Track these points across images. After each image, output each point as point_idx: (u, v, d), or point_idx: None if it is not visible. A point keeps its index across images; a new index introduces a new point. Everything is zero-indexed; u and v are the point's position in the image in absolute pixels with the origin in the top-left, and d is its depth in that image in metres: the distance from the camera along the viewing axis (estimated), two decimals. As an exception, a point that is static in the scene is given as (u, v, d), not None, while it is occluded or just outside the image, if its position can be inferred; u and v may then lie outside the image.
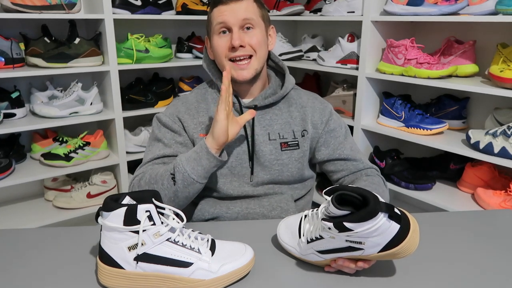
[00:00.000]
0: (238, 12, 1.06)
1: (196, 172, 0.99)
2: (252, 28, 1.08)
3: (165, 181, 1.00)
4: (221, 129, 0.97)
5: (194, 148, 1.01)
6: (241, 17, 1.06)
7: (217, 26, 1.08)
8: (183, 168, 0.98)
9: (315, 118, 1.18)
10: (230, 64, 1.09)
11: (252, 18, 1.07)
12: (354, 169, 1.17)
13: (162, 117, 1.15)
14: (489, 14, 1.60)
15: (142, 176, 1.06)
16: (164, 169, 1.03)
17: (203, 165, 0.99)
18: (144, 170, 1.09)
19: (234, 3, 1.06)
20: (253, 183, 1.14)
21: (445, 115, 1.93)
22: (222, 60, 1.10)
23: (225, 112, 0.97)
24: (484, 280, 0.81)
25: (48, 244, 0.92)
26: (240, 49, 1.07)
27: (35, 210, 2.03)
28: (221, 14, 1.07)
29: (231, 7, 1.06)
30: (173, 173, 0.99)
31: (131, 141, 2.16)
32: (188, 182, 0.99)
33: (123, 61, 2.02)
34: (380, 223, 0.71)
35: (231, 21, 1.06)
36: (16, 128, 1.79)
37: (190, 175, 0.99)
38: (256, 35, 1.09)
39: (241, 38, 1.07)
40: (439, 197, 1.79)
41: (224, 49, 1.08)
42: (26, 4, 1.74)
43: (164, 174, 1.01)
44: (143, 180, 1.05)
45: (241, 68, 1.08)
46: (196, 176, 0.99)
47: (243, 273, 0.79)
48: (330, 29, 2.48)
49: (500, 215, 1.09)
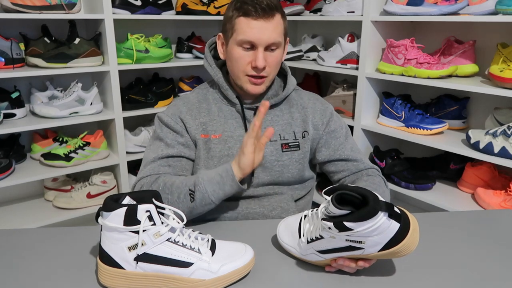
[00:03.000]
0: (267, 32, 1.03)
1: (216, 195, 0.98)
2: (276, 49, 1.08)
3: (182, 195, 0.99)
4: (248, 162, 0.96)
5: (218, 171, 0.99)
6: (270, 41, 1.04)
7: (242, 41, 1.05)
8: (205, 188, 0.97)
9: (316, 119, 1.18)
10: (247, 78, 1.09)
11: (278, 41, 1.06)
12: (355, 169, 1.17)
13: (164, 117, 1.15)
14: (489, 14, 1.60)
15: (154, 180, 1.04)
16: (180, 182, 1.01)
17: (225, 190, 0.98)
18: (150, 171, 1.07)
19: (265, 21, 1.03)
20: (254, 184, 1.14)
21: (445, 115, 1.93)
22: (239, 72, 1.09)
23: (253, 146, 0.96)
24: (484, 280, 0.81)
25: (48, 244, 0.92)
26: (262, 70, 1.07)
27: (35, 210, 2.03)
28: (250, 31, 1.03)
29: (260, 24, 1.03)
30: (192, 190, 0.98)
31: (131, 141, 2.16)
32: (207, 202, 0.99)
33: (123, 61, 2.02)
34: (380, 222, 0.71)
35: (260, 42, 1.04)
36: (16, 128, 1.79)
37: (210, 197, 0.98)
38: (277, 55, 1.08)
39: (265, 58, 1.06)
40: (439, 197, 1.79)
41: (245, 64, 1.07)
42: (26, 4, 1.74)
43: (181, 187, 1.00)
44: (155, 185, 1.03)
45: (256, 83, 1.09)
46: (215, 199, 0.99)
47: (243, 273, 0.79)
48: (330, 29, 2.48)
49: (500, 215, 1.09)
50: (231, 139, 1.13)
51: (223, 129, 1.13)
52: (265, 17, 1.03)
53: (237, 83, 1.12)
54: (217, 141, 1.13)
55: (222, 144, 1.13)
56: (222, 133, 1.13)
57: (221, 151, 1.12)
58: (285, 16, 1.10)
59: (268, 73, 1.09)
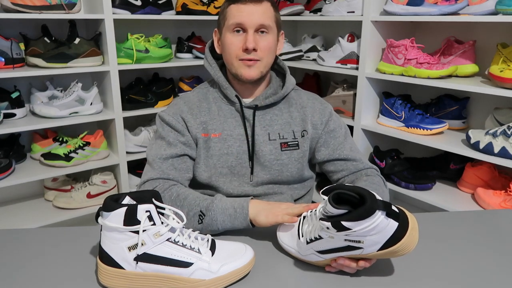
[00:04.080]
0: (256, 15, 1.06)
1: (224, 226, 0.97)
2: (267, 33, 1.09)
3: (191, 213, 0.99)
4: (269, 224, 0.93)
5: (234, 204, 0.97)
6: (259, 22, 1.07)
7: (233, 25, 1.08)
8: (215, 216, 0.96)
9: (315, 118, 1.18)
10: (240, 63, 1.10)
11: (268, 24, 1.08)
12: (354, 169, 1.18)
13: (165, 116, 1.15)
14: (489, 14, 1.60)
15: (168, 188, 1.04)
16: (193, 199, 1.01)
17: (234, 224, 0.97)
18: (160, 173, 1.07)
19: (253, 5, 1.07)
20: (253, 183, 1.14)
21: (445, 115, 1.93)
22: (232, 58, 1.10)
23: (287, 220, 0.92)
24: (484, 280, 0.81)
25: (48, 244, 0.92)
26: (252, 52, 1.08)
27: (35, 210, 2.03)
28: (239, 14, 1.07)
29: (249, 8, 1.06)
30: (203, 214, 0.97)
31: (131, 141, 2.16)
32: (213, 229, 0.98)
33: (123, 61, 2.02)
34: (378, 221, 0.71)
35: (248, 23, 1.06)
36: (16, 128, 1.79)
37: (217, 225, 0.97)
38: (269, 40, 1.10)
39: (256, 41, 1.07)
40: (439, 197, 1.79)
41: (237, 49, 1.09)
42: (26, 4, 1.74)
43: (193, 205, 0.99)
44: (168, 193, 1.03)
45: (249, 65, 1.09)
46: (222, 228, 0.98)
47: (243, 273, 0.79)
48: (330, 29, 2.48)
49: (500, 215, 1.09)
50: (230, 137, 1.13)
51: (222, 128, 1.14)
52: (253, 2, 1.07)
53: (232, 71, 1.13)
54: (216, 140, 1.13)
55: (222, 142, 1.13)
56: (222, 132, 1.13)
57: (220, 150, 1.13)
58: (276, 8, 1.13)
59: (260, 57, 1.09)
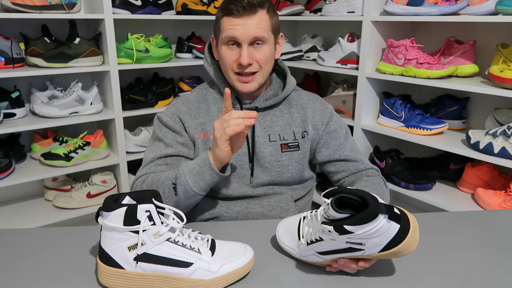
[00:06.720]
0: (249, 28, 1.03)
1: (198, 186, 0.98)
2: (262, 44, 1.07)
3: (166, 189, 1.00)
4: (224, 154, 0.94)
5: (197, 161, 0.99)
6: (252, 35, 1.04)
7: (227, 38, 1.06)
8: (185, 180, 0.97)
9: (315, 119, 1.18)
10: (235, 77, 1.09)
11: (262, 36, 1.05)
12: (355, 169, 1.17)
13: (163, 117, 1.15)
14: (489, 14, 1.60)
15: (145, 179, 1.05)
16: (165, 176, 1.01)
17: (205, 179, 0.98)
18: (147, 171, 1.08)
19: (247, 18, 1.03)
20: (253, 184, 1.14)
21: (445, 115, 1.93)
22: (228, 70, 1.09)
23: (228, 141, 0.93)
24: (484, 280, 0.81)
25: (48, 244, 0.92)
26: (248, 66, 1.06)
27: (35, 210, 2.03)
28: (232, 28, 1.04)
29: (243, 21, 1.03)
30: (174, 183, 0.98)
31: (131, 141, 2.16)
32: (190, 194, 0.99)
33: (123, 61, 2.02)
34: (380, 225, 0.71)
35: (242, 38, 1.04)
36: (16, 128, 1.79)
37: (191, 188, 0.98)
38: (264, 51, 1.07)
39: (250, 55, 1.05)
40: (439, 197, 1.79)
41: (232, 63, 1.07)
42: (26, 4, 1.74)
43: (165, 182, 1.00)
44: (145, 184, 1.04)
45: (246, 81, 1.08)
46: (197, 190, 0.98)
47: (243, 273, 0.79)
48: (330, 29, 2.47)
49: (500, 215, 1.09)
50: None
51: None
52: (246, 14, 1.03)
53: (229, 82, 1.12)
54: None
55: (222, 144, 1.13)
56: None
57: None
58: (273, 12, 1.09)
59: (257, 69, 1.08)
